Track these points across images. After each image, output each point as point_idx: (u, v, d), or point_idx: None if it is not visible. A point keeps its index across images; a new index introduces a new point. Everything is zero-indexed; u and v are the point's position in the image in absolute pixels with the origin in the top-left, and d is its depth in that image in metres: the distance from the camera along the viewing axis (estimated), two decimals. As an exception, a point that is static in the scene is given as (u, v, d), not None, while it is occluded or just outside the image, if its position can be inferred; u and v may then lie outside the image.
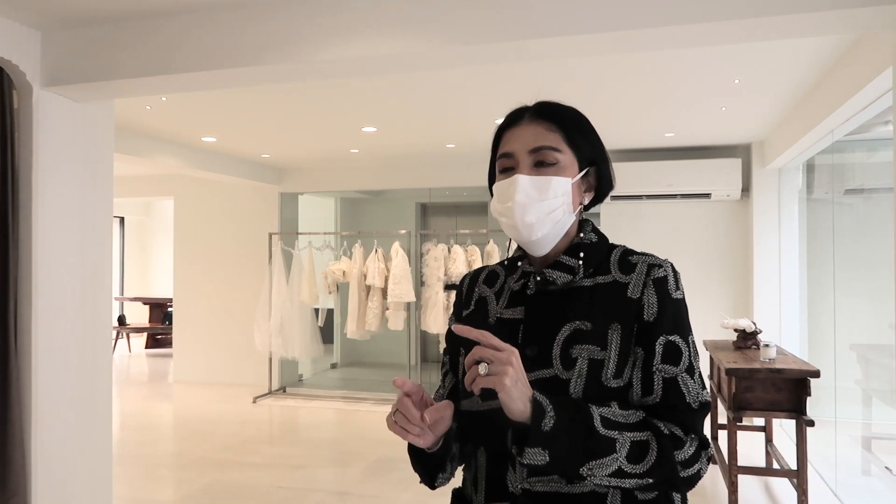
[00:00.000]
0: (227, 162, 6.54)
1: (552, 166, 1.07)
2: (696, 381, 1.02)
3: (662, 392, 1.01)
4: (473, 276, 1.24)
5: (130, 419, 6.21)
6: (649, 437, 0.97)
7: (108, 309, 3.24)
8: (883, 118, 3.84)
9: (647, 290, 1.04)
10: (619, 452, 0.94)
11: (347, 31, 2.51)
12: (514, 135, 1.10)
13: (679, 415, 1.00)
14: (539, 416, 0.92)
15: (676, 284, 1.06)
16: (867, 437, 4.37)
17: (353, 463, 4.78)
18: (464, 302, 1.21)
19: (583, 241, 1.10)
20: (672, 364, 1.02)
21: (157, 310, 10.71)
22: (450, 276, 6.30)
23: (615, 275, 1.08)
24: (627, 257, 1.09)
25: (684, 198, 5.91)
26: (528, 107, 1.12)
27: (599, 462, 0.93)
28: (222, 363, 7.63)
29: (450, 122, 5.02)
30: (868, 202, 4.87)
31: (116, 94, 3.05)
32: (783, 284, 5.56)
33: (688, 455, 0.98)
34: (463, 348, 1.13)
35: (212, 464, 4.75)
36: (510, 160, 1.09)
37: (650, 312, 1.03)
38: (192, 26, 2.69)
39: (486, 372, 0.91)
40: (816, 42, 3.14)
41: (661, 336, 1.02)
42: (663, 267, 1.06)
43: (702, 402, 1.01)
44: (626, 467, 0.94)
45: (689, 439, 0.98)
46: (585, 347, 1.02)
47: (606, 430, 0.95)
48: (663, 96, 4.19)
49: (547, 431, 0.92)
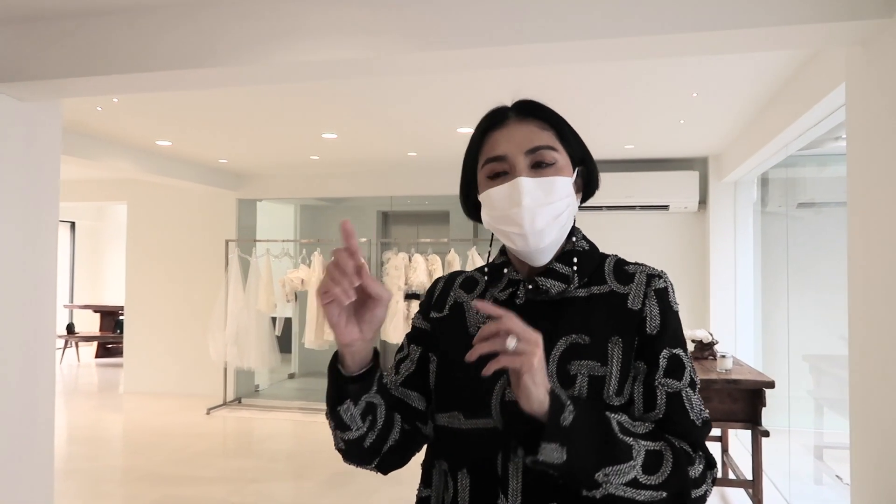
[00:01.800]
0: (182, 167, 6.38)
1: (551, 166, 0.99)
2: (698, 397, 0.97)
3: (666, 407, 0.94)
4: (449, 279, 1.14)
5: (78, 432, 5.97)
6: (663, 447, 0.91)
7: (52, 317, 3.10)
8: (834, 134, 3.95)
9: (649, 301, 0.98)
10: (636, 460, 0.87)
11: (309, 33, 2.45)
12: (502, 136, 1.01)
13: (684, 431, 0.94)
14: (558, 409, 0.83)
15: (674, 296, 1.01)
16: (819, 447, 4.46)
17: (310, 476, 4.67)
18: (434, 304, 1.11)
19: (575, 248, 1.04)
20: (675, 378, 0.96)
21: (109, 318, 10.38)
22: (410, 286, 6.24)
23: (612, 285, 1.01)
24: (623, 267, 1.03)
25: (643, 209, 5.99)
26: (509, 106, 1.05)
27: (617, 469, 0.85)
28: (175, 373, 7.41)
29: (412, 130, 4.99)
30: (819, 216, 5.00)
31: (64, 94, 2.93)
32: (738, 295, 5.67)
33: (697, 473, 0.92)
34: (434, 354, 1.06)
35: (162, 478, 4.58)
36: (502, 164, 1.00)
37: (653, 325, 0.97)
38: (146, 24, 2.60)
39: (514, 347, 0.81)
40: (772, 57, 3.21)
41: (665, 349, 0.97)
42: (663, 278, 1.01)
43: (704, 418, 0.96)
44: (642, 477, 0.87)
45: (697, 457, 0.93)
46: (585, 363, 0.95)
47: (623, 436, 0.88)
48: (624, 109, 4.23)
49: (566, 426, 0.83)
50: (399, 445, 1.02)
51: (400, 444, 1.02)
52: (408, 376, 1.08)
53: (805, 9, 2.06)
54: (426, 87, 3.81)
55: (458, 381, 1.00)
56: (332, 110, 4.39)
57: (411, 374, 1.08)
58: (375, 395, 0.96)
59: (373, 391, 0.96)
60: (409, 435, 1.04)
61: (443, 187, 6.74)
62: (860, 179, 2.28)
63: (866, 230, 2.22)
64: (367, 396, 0.95)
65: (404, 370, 1.09)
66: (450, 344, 1.05)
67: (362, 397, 0.95)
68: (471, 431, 0.97)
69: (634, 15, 2.18)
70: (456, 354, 0.98)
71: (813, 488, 4.31)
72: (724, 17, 2.12)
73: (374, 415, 0.97)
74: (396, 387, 1.07)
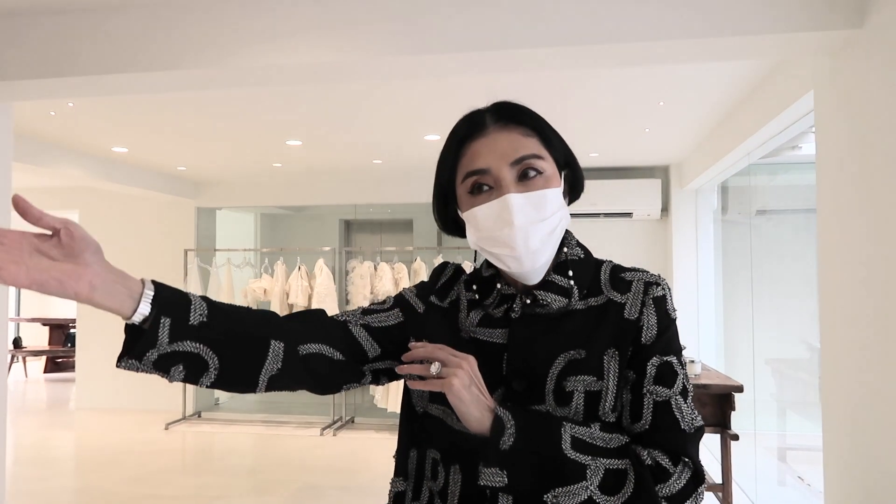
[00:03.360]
0: (139, 174, 6.18)
1: (540, 177, 0.92)
2: (690, 405, 0.92)
3: (653, 416, 0.90)
4: (457, 270, 1.07)
5: (26, 451, 5.70)
6: (627, 465, 0.86)
7: (3, 331, 2.94)
8: (792, 143, 4.04)
9: (647, 309, 0.94)
10: (591, 480, 0.83)
11: (274, 36, 2.38)
12: (483, 146, 0.93)
13: (671, 440, 0.89)
14: (498, 433, 0.83)
15: (672, 304, 0.97)
16: (782, 448, 4.54)
17: (274, 491, 4.54)
18: (438, 290, 1.05)
19: (570, 258, 0.98)
20: (665, 386, 0.91)
21: (58, 331, 9.99)
22: (376, 295, 6.16)
23: (608, 294, 0.96)
24: (620, 274, 0.98)
25: (607, 216, 6.05)
26: (485, 110, 0.97)
27: (566, 490, 0.83)
28: (131, 388, 7.16)
29: (378, 138, 4.93)
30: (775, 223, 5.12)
31: (16, 97, 2.79)
32: (700, 301, 5.76)
33: (675, 490, 0.86)
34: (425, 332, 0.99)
35: (120, 498, 4.39)
36: (485, 177, 0.92)
37: (649, 335, 0.93)
38: (105, 25, 2.49)
39: (437, 371, 0.84)
40: (740, 66, 3.26)
41: (655, 356, 0.92)
42: (661, 285, 0.97)
43: (696, 426, 0.91)
44: (599, 498, 0.83)
45: (677, 471, 0.87)
46: (581, 379, 0.90)
47: (576, 454, 0.84)
48: (591, 117, 4.26)
49: (506, 450, 0.83)
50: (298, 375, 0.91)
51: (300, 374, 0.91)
52: (378, 327, 0.99)
53: (774, 19, 2.10)
54: (394, 93, 3.76)
55: None
56: (297, 116, 4.30)
57: (383, 328, 1.00)
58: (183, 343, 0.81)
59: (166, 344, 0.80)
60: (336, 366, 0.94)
61: (407, 195, 6.69)
62: (828, 186, 2.32)
63: (835, 234, 2.25)
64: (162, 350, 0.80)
65: (377, 320, 1.00)
66: (438, 337, 0.97)
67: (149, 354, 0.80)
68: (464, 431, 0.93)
69: (603, 24, 2.18)
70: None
71: (777, 489, 4.38)
72: (694, 26, 2.14)
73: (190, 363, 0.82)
74: (355, 323, 0.98)
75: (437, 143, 5.02)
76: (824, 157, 2.36)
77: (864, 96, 2.03)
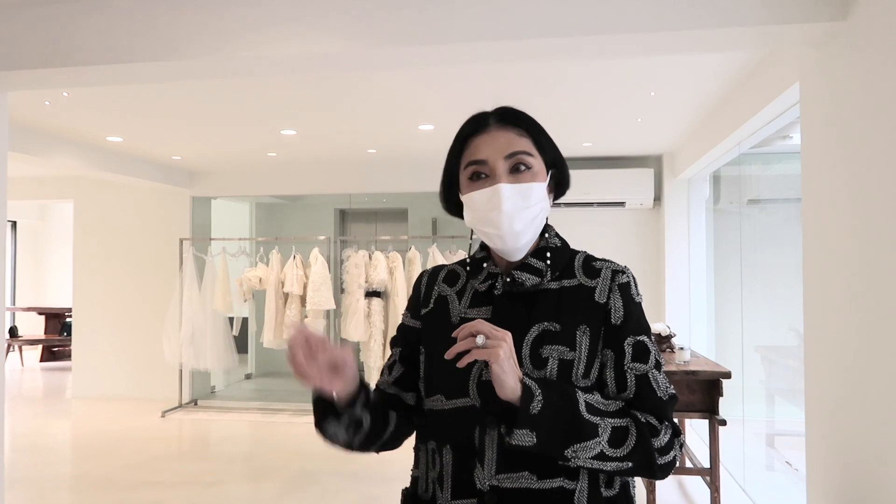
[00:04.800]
0: (134, 163, 6.19)
1: (528, 171, 1.10)
2: (663, 376, 1.11)
3: (636, 388, 1.08)
4: (432, 274, 1.24)
5: (22, 439, 5.74)
6: (629, 423, 1.04)
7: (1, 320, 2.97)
8: (783, 133, 4.08)
9: (613, 294, 1.11)
10: (602, 437, 1.00)
11: (269, 26, 2.40)
12: (483, 141, 1.11)
13: (652, 407, 1.07)
14: (528, 398, 0.98)
15: (637, 289, 1.14)
16: (770, 434, 4.62)
17: (270, 477, 4.60)
18: (422, 300, 1.22)
19: (548, 245, 1.15)
20: (641, 362, 1.09)
21: (54, 320, 10.01)
22: (371, 284, 6.20)
23: (581, 279, 1.13)
24: (591, 263, 1.15)
25: (600, 206, 6.09)
26: (489, 112, 1.14)
27: (583, 445, 0.99)
28: (127, 376, 7.20)
29: (372, 127, 4.95)
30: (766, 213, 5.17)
31: (10, 87, 2.80)
32: (692, 289, 5.82)
33: (663, 443, 1.05)
34: (423, 347, 1.18)
35: (116, 484, 4.45)
36: (483, 167, 1.10)
37: (617, 316, 1.10)
38: (100, 14, 2.51)
39: (483, 343, 0.96)
40: (728, 58, 3.30)
41: (629, 337, 1.09)
42: (626, 273, 1.13)
43: (671, 394, 1.09)
44: (608, 451, 1.01)
45: (663, 427, 1.06)
46: (556, 348, 1.07)
47: (590, 416, 1.01)
48: (583, 107, 4.29)
49: (535, 414, 0.98)
50: (392, 437, 1.17)
51: (393, 436, 1.17)
52: (398, 377, 1.21)
53: (759, 11, 2.13)
54: (388, 83, 3.79)
55: (441, 367, 1.09)
56: (291, 106, 4.32)
57: (401, 376, 1.21)
58: (362, 411, 1.10)
59: (357, 411, 1.09)
60: (403, 424, 1.18)
61: (402, 184, 6.72)
62: (814, 176, 2.37)
63: (820, 225, 2.30)
64: (352, 415, 1.09)
65: (395, 372, 1.22)
66: (435, 334, 1.16)
67: (346, 417, 1.09)
68: (452, 411, 1.09)
69: (590, 15, 2.21)
70: (440, 344, 1.08)
71: (765, 474, 4.46)
72: (680, 17, 2.17)
73: (359, 426, 1.10)
74: (389, 385, 1.22)
75: (430, 133, 5.05)
76: (809, 147, 2.40)
77: (848, 88, 2.07)
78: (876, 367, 1.87)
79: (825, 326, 2.26)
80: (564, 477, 1.04)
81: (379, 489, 4.30)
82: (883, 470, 1.83)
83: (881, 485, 1.84)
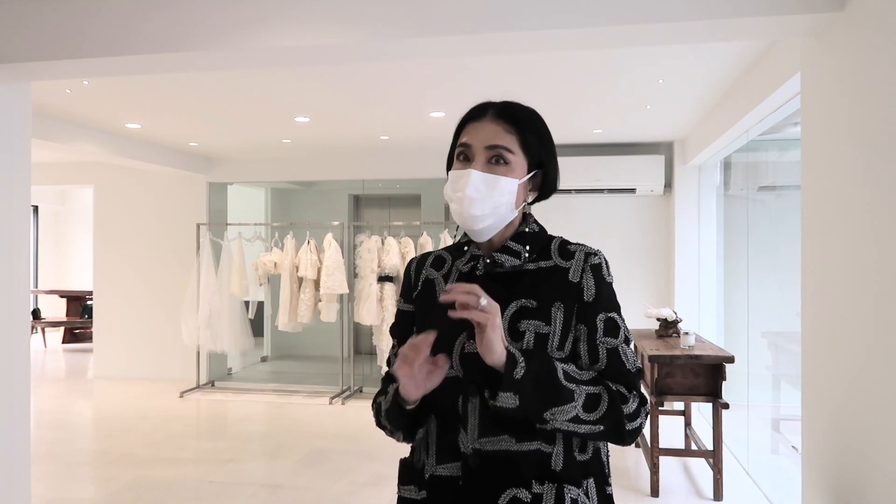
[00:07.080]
0: (152, 150, 6.31)
1: (504, 165, 1.18)
2: (631, 350, 1.20)
3: (607, 360, 1.17)
4: (420, 259, 1.33)
5: (46, 416, 5.94)
6: (601, 390, 1.14)
7: (25, 302, 3.11)
8: (793, 119, 4.09)
9: (586, 274, 1.19)
10: (577, 402, 1.10)
11: (282, 18, 2.48)
12: (474, 128, 1.20)
13: (622, 377, 1.17)
14: (512, 364, 1.07)
15: (608, 270, 1.22)
16: (776, 419, 4.67)
17: (284, 456, 4.74)
18: (412, 285, 1.31)
19: (527, 231, 1.24)
20: (612, 336, 1.18)
21: (75, 303, 10.24)
22: (383, 269, 6.30)
23: (556, 260, 1.22)
24: (566, 246, 1.24)
25: (611, 192, 6.12)
26: (492, 103, 1.22)
27: (561, 409, 1.09)
28: (147, 358, 7.38)
29: (384, 114, 5.02)
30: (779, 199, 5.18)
31: (35, 77, 2.91)
32: (702, 275, 5.85)
33: (632, 409, 1.15)
34: (416, 328, 1.25)
35: (137, 460, 4.61)
36: (468, 150, 1.20)
37: (589, 294, 1.19)
38: (121, 7, 2.60)
39: (484, 305, 1.04)
40: (733, 46, 3.32)
41: (601, 313, 1.18)
42: (598, 255, 1.22)
43: (638, 367, 1.20)
44: (583, 415, 1.11)
45: (632, 396, 1.16)
46: (532, 322, 1.16)
47: (567, 383, 1.10)
48: (593, 95, 4.33)
49: (518, 379, 1.07)
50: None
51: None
52: None
53: (759, 1, 2.16)
54: (399, 70, 3.85)
55: None
56: (305, 94, 4.40)
57: None
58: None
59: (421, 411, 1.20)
60: None
61: (415, 170, 6.79)
62: (814, 165, 2.41)
63: (818, 213, 2.35)
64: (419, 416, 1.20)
65: None
66: (424, 314, 1.26)
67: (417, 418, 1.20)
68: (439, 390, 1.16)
69: (599, 6, 2.25)
70: (427, 322, 1.20)
71: (770, 458, 4.52)
72: (682, 8, 2.20)
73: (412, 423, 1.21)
74: None
75: (442, 120, 5.11)
76: (809, 136, 2.44)
77: (847, 77, 2.11)
78: (873, 355, 1.93)
79: (821, 312, 2.31)
80: (542, 441, 1.14)
81: (390, 468, 4.42)
82: (877, 454, 1.89)
83: (875, 469, 1.90)
